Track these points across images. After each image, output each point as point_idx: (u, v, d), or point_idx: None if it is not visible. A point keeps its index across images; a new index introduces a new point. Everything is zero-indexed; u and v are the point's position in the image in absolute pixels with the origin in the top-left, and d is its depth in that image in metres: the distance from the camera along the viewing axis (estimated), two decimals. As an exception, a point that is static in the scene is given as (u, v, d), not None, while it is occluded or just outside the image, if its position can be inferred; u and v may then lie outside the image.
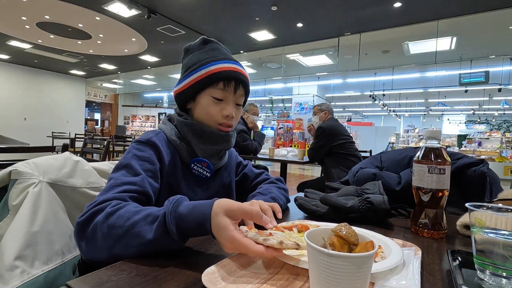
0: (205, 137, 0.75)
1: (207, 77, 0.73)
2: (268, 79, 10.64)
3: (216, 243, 0.54)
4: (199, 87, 0.74)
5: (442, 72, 8.53)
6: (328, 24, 5.92)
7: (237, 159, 0.95)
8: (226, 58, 0.76)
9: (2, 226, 0.56)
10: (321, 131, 2.67)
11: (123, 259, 0.47)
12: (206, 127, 0.76)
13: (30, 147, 1.66)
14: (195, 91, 0.75)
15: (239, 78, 0.75)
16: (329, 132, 2.65)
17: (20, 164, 0.63)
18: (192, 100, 0.78)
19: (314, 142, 2.77)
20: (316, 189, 0.89)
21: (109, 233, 0.49)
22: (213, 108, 0.75)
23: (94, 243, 0.50)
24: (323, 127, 2.68)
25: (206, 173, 0.76)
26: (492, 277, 0.41)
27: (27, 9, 5.84)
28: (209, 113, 0.75)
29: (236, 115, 0.78)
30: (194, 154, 0.76)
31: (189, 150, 0.75)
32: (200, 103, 0.76)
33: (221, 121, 0.76)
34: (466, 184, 0.90)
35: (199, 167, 0.75)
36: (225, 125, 0.77)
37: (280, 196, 0.82)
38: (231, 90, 0.75)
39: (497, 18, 5.21)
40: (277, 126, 4.96)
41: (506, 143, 10.65)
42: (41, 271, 0.55)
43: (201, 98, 0.75)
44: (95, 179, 0.75)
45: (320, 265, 0.32)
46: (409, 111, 18.00)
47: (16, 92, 10.85)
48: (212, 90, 0.74)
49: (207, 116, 0.75)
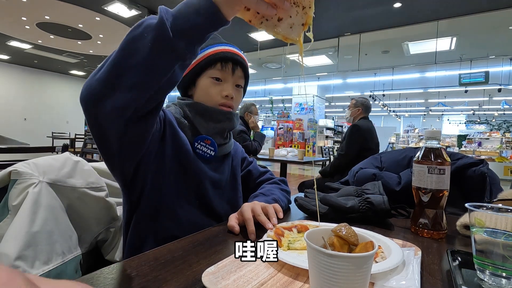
0: (207, 115, 0.76)
1: (205, 60, 0.76)
2: (268, 79, 10.65)
3: (216, 243, 0.55)
4: (198, 70, 0.77)
5: (442, 72, 8.53)
6: (328, 24, 5.91)
7: (243, 154, 0.96)
8: (223, 42, 0.79)
9: (2, 227, 0.56)
10: (357, 129, 2.53)
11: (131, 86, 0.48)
12: (208, 106, 0.76)
13: (30, 148, 1.66)
14: (195, 75, 0.78)
15: (236, 59, 0.78)
16: (363, 132, 2.51)
17: (20, 164, 0.63)
18: (192, 85, 0.80)
19: (346, 141, 2.58)
20: (319, 187, 0.89)
21: (113, 60, 0.48)
22: (213, 89, 0.76)
23: (103, 80, 0.49)
24: (359, 125, 2.55)
25: (210, 151, 0.75)
26: (492, 277, 0.41)
27: (27, 9, 5.84)
28: (209, 94, 0.76)
29: (236, 97, 0.79)
30: (198, 133, 0.77)
31: (192, 129, 0.76)
32: (200, 86, 0.78)
33: (221, 101, 0.77)
34: (466, 184, 0.90)
35: (203, 146, 0.75)
36: (225, 105, 0.77)
37: (282, 198, 0.82)
38: (229, 70, 0.77)
39: (497, 18, 5.21)
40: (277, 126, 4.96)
41: (506, 143, 10.65)
42: (41, 271, 0.55)
43: (200, 81, 0.78)
44: (95, 179, 0.75)
45: (320, 265, 0.32)
46: (409, 111, 17.99)
47: (16, 92, 10.84)
48: (210, 72, 0.76)
49: (208, 97, 0.77)
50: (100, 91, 0.49)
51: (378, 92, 10.54)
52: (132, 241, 0.68)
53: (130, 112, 0.52)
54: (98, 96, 0.50)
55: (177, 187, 0.70)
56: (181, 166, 0.72)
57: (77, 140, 6.73)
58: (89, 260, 0.71)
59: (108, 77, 0.49)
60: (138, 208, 0.69)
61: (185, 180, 0.72)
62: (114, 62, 0.48)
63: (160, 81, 0.51)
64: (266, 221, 0.60)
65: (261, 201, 0.71)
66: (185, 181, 0.72)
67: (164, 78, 0.51)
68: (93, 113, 0.52)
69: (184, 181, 0.72)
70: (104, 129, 0.54)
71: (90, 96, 0.50)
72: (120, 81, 0.48)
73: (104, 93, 0.49)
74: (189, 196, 0.73)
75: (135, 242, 0.68)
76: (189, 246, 0.53)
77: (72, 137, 7.25)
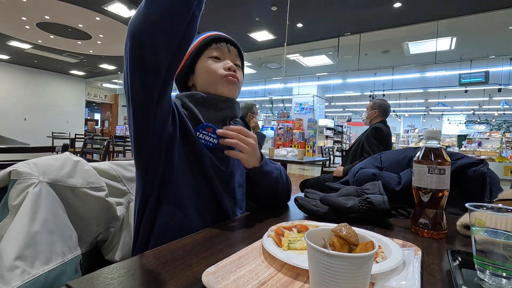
0: (206, 104, 0.76)
1: (199, 44, 0.79)
2: (268, 79, 10.65)
3: (216, 243, 0.55)
4: (195, 56, 0.79)
5: (442, 72, 8.53)
6: (328, 24, 5.92)
7: None
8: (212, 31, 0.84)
9: (2, 227, 0.56)
10: (380, 132, 2.48)
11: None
12: (207, 94, 0.76)
13: (30, 147, 1.66)
14: (192, 62, 0.79)
15: (228, 39, 0.81)
16: (387, 135, 2.46)
17: (20, 164, 0.63)
18: (191, 74, 0.81)
19: (372, 142, 2.49)
20: (320, 187, 0.89)
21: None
22: (214, 65, 0.77)
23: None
24: (382, 128, 2.50)
25: (213, 139, 0.74)
26: (492, 277, 0.41)
27: (27, 9, 5.84)
28: (211, 71, 0.77)
29: (239, 76, 0.80)
30: (199, 122, 0.76)
31: (193, 119, 0.76)
32: (200, 69, 0.79)
33: (226, 73, 0.77)
34: (466, 184, 0.90)
35: (205, 134, 0.74)
36: (231, 76, 0.77)
37: (284, 175, 0.85)
38: (225, 49, 0.80)
39: (497, 18, 5.21)
40: (277, 126, 4.96)
41: (506, 143, 10.65)
42: (41, 271, 0.55)
43: (199, 65, 0.79)
44: (95, 179, 0.75)
45: (320, 265, 0.32)
46: (409, 111, 18.00)
47: (16, 92, 10.85)
48: (207, 52, 0.79)
49: (210, 75, 0.77)
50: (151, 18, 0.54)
51: (378, 92, 10.54)
52: (147, 228, 0.69)
53: (174, 45, 0.57)
54: (151, 24, 0.54)
55: (184, 171, 0.71)
56: (190, 154, 0.72)
57: (77, 140, 6.73)
58: (89, 260, 0.71)
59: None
60: (155, 194, 0.69)
61: (191, 163, 0.72)
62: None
63: (185, 19, 0.56)
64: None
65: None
66: (192, 166, 0.72)
67: (186, 17, 0.56)
68: (148, 43, 0.55)
69: (190, 165, 0.72)
70: (151, 69, 0.57)
71: (144, 25, 0.55)
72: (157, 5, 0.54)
73: (152, 18, 0.54)
74: (196, 181, 0.72)
75: (147, 228, 0.69)
76: (189, 246, 0.53)
77: (72, 137, 7.26)
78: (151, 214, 0.69)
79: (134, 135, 0.64)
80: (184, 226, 0.67)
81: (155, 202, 0.69)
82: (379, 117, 2.69)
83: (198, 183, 0.72)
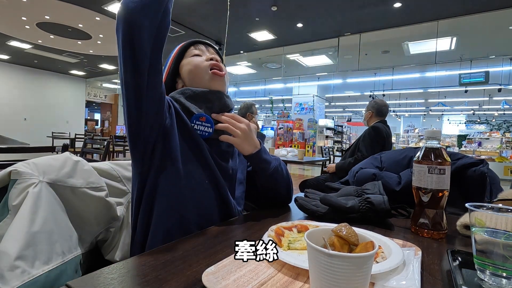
0: (197, 98, 0.79)
1: (180, 50, 0.86)
2: (268, 79, 10.65)
3: (216, 243, 0.55)
4: (178, 59, 0.86)
5: (442, 72, 8.53)
6: (328, 24, 5.92)
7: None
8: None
9: (2, 227, 0.56)
10: (377, 132, 2.50)
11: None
12: (196, 88, 0.80)
13: (30, 147, 1.66)
14: (176, 65, 0.86)
15: (203, 41, 0.89)
16: (385, 135, 2.47)
17: (20, 164, 0.63)
18: (178, 78, 0.86)
19: (366, 143, 2.51)
20: (320, 187, 0.89)
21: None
22: (197, 59, 0.83)
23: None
24: (379, 128, 2.52)
25: (208, 128, 0.76)
26: (492, 277, 0.41)
27: (27, 9, 5.84)
28: (195, 65, 0.82)
29: (223, 67, 0.84)
30: (192, 114, 0.78)
31: (186, 111, 0.77)
32: (184, 68, 0.84)
33: (209, 63, 0.81)
34: (466, 184, 0.90)
35: (199, 125, 0.76)
36: (216, 67, 0.81)
37: (284, 168, 0.85)
38: (203, 48, 0.87)
39: (497, 18, 5.21)
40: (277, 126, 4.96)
41: (506, 143, 10.65)
42: (41, 271, 0.55)
43: (183, 66, 0.85)
44: (95, 179, 0.75)
45: (320, 265, 0.32)
46: (409, 111, 18.00)
47: (16, 92, 10.84)
48: (188, 53, 0.85)
49: (196, 68, 0.81)
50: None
51: (378, 92, 10.54)
52: (143, 219, 0.70)
53: (158, 19, 0.63)
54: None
55: (186, 164, 0.72)
56: (191, 146, 0.74)
57: (77, 140, 6.73)
58: (89, 260, 0.71)
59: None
60: (152, 186, 0.70)
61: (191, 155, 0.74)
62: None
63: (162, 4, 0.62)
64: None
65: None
66: (191, 157, 0.74)
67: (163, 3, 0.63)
68: (138, 20, 0.61)
69: (189, 156, 0.73)
70: (140, 41, 0.62)
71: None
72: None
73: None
74: (197, 173, 0.73)
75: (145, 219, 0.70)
76: (189, 246, 0.53)
77: (72, 137, 7.26)
78: (147, 202, 0.69)
79: (128, 118, 0.67)
80: (180, 216, 0.69)
81: (152, 189, 0.69)
82: (374, 118, 2.74)
83: (200, 175, 0.73)
